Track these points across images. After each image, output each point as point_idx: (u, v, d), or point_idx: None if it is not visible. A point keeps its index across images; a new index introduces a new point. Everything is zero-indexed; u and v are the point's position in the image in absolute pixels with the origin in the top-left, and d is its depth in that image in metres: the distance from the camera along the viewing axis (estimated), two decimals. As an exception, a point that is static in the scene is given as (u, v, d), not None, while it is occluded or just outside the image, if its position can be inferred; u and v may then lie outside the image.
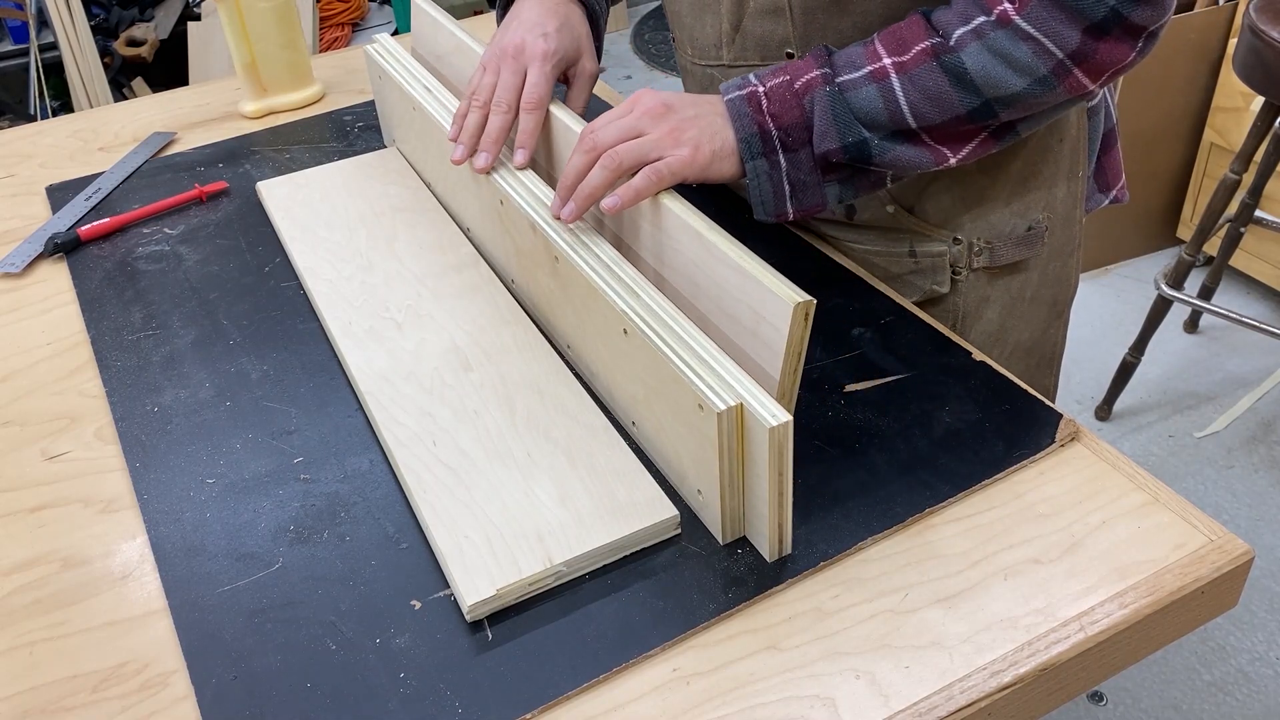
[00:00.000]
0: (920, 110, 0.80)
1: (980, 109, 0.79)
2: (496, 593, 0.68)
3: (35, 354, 0.98)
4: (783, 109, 0.82)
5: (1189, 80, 2.33)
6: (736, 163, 0.83)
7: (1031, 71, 0.77)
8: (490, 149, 0.92)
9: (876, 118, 0.80)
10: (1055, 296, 1.03)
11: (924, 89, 0.79)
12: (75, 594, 0.74)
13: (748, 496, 0.71)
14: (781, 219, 0.86)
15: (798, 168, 0.83)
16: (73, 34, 2.97)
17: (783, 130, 0.82)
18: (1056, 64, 0.76)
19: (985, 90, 0.78)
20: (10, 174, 1.30)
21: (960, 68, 0.78)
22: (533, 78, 0.91)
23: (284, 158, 1.26)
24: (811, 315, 0.68)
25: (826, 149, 0.81)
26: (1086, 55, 0.76)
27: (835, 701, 0.63)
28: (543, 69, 0.92)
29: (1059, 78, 0.77)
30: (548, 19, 0.95)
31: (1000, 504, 0.75)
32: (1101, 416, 2.19)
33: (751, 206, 0.86)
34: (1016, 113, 0.80)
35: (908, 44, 0.80)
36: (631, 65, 3.85)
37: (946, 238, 0.96)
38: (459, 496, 0.76)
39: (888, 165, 0.82)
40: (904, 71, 0.79)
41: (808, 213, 0.86)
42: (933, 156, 0.82)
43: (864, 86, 0.80)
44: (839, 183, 0.85)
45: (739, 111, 0.82)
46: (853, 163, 0.83)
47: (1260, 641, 1.73)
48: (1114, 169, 1.06)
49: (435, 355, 0.89)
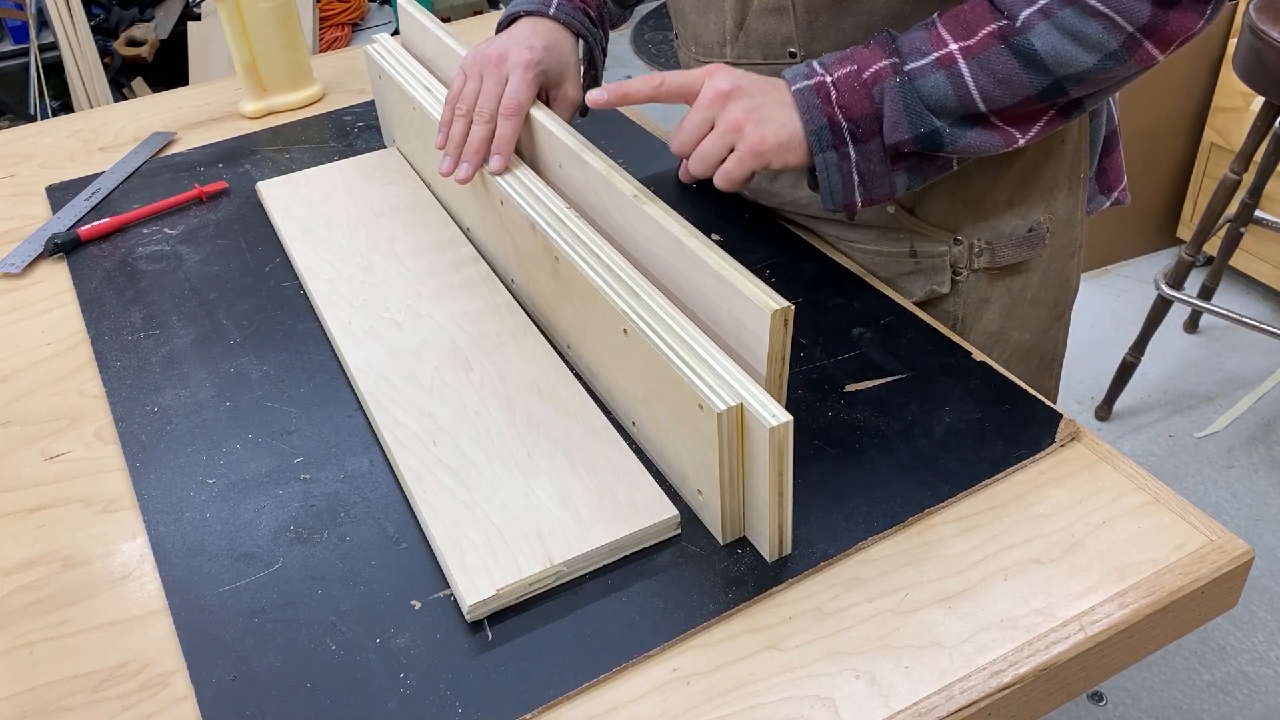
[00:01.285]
0: (990, 94, 0.79)
1: (1050, 88, 0.79)
2: (496, 593, 0.68)
3: (35, 354, 0.98)
4: (852, 100, 0.81)
5: (1189, 80, 2.33)
6: (804, 153, 0.83)
7: (1102, 47, 0.76)
8: (472, 159, 0.92)
9: (946, 104, 0.80)
10: (1056, 298, 1.03)
11: (993, 72, 0.78)
12: (75, 594, 0.74)
13: (748, 496, 0.71)
14: (850, 210, 0.85)
15: (868, 159, 0.82)
16: (73, 34, 2.97)
17: (853, 122, 0.81)
18: (1127, 38, 0.76)
19: (1055, 69, 0.77)
20: (10, 174, 1.30)
21: (1029, 48, 0.77)
22: (512, 84, 0.91)
23: (284, 158, 1.26)
24: (791, 321, 0.68)
25: (898, 140, 0.81)
26: (1157, 27, 0.75)
27: (835, 701, 0.63)
28: (524, 76, 0.92)
29: (1130, 51, 0.76)
30: (535, 37, 0.95)
31: (1000, 504, 0.75)
32: (1101, 416, 2.19)
33: (820, 198, 0.85)
34: (1086, 89, 0.80)
35: (973, 27, 0.79)
36: (632, 65, 3.85)
37: (947, 238, 0.96)
38: (459, 497, 0.76)
39: (958, 151, 0.82)
40: (972, 56, 0.79)
41: (876, 201, 0.85)
42: (1002, 139, 0.82)
43: (932, 74, 0.80)
44: (907, 170, 0.84)
45: (808, 103, 0.82)
46: (923, 151, 0.82)
47: (1260, 641, 1.73)
48: (1115, 171, 1.06)
49: (435, 355, 0.89)
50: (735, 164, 0.83)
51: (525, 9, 0.99)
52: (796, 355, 0.88)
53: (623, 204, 0.81)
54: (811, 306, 0.94)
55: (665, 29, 4.07)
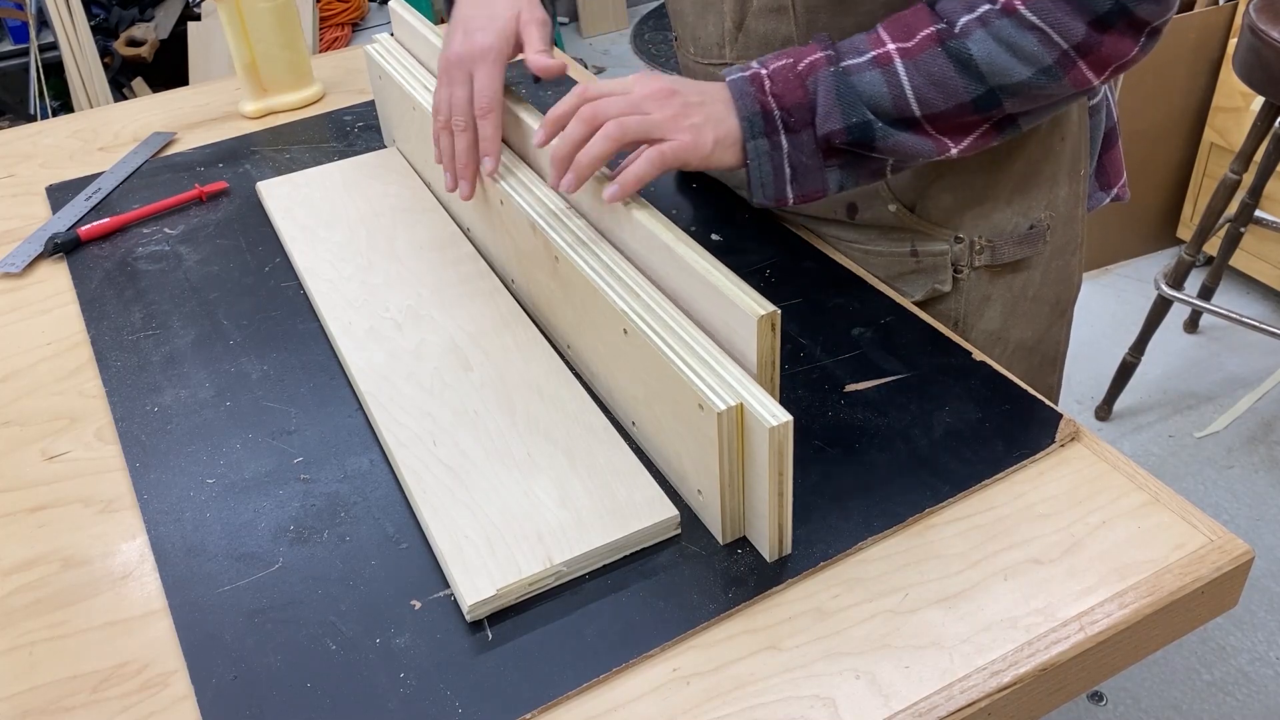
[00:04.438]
0: (925, 96, 0.79)
1: (985, 97, 0.79)
2: (497, 593, 0.68)
3: (35, 354, 0.98)
4: (786, 89, 0.81)
5: (1189, 80, 2.33)
6: (739, 152, 0.82)
7: (1037, 60, 0.77)
8: (465, 172, 0.91)
9: (880, 101, 0.80)
10: (1058, 296, 1.03)
11: (929, 74, 0.79)
12: (75, 594, 0.74)
13: (748, 496, 0.71)
14: (781, 203, 0.85)
15: (799, 150, 0.82)
16: (73, 34, 2.96)
17: (785, 110, 0.81)
18: (1061, 54, 0.77)
19: (990, 78, 0.78)
20: (10, 174, 1.30)
21: (966, 53, 0.78)
22: (479, 82, 0.89)
23: (284, 158, 1.26)
24: (779, 326, 0.68)
25: (830, 129, 0.81)
26: (1091, 48, 0.77)
27: (835, 701, 0.63)
28: (489, 70, 0.89)
29: (1064, 68, 0.77)
30: (478, 10, 0.92)
31: (1000, 504, 0.75)
32: (1101, 416, 2.18)
33: (750, 191, 0.85)
34: (1020, 104, 0.80)
35: (913, 30, 0.80)
36: (632, 65, 3.85)
37: (948, 237, 0.96)
38: (459, 497, 0.76)
39: (890, 151, 0.82)
40: (909, 57, 0.79)
41: (808, 198, 0.84)
42: (934, 145, 0.82)
43: (868, 70, 0.80)
44: (840, 168, 0.84)
45: (741, 91, 0.82)
46: (855, 146, 0.82)
47: (1260, 641, 1.73)
48: (1115, 167, 1.06)
49: (435, 355, 0.89)
50: (649, 160, 0.79)
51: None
52: (796, 355, 0.88)
53: (614, 207, 0.81)
54: (811, 306, 0.94)
55: (665, 29, 4.07)
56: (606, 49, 3.98)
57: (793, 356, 0.88)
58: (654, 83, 0.82)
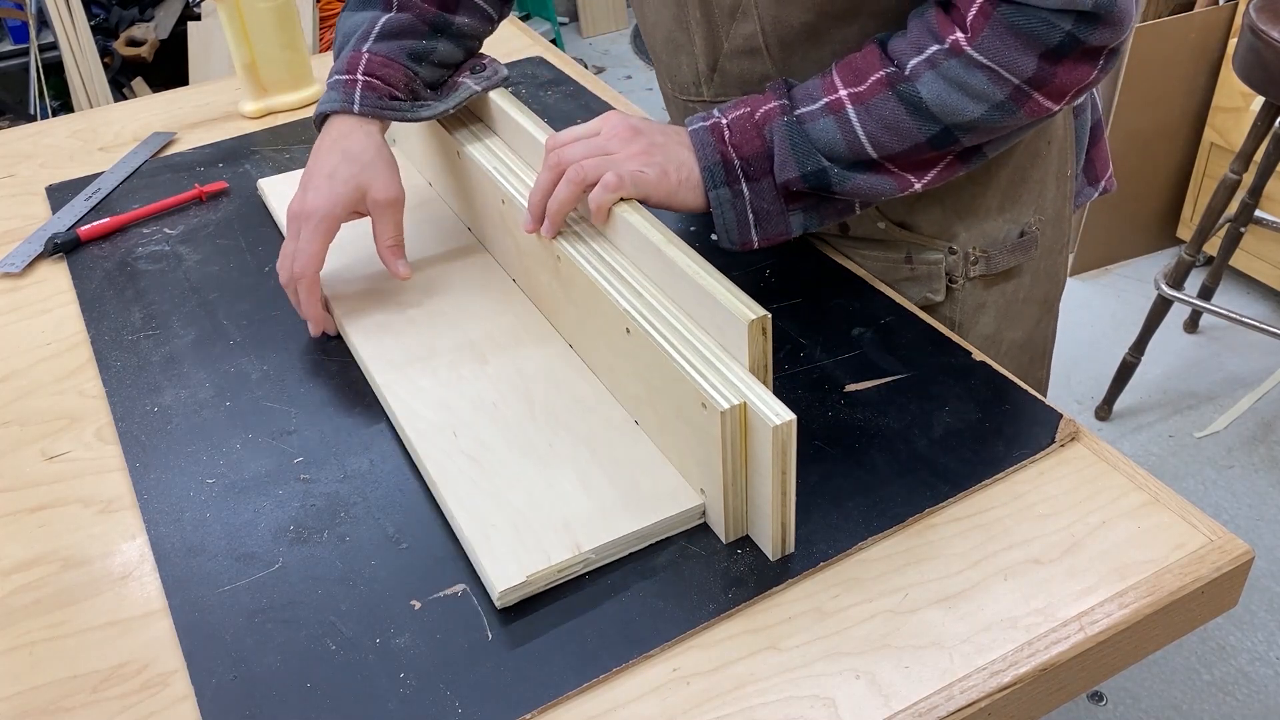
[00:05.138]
0: (879, 140, 0.79)
1: (940, 135, 0.79)
2: (527, 579, 0.69)
3: (35, 354, 0.98)
4: (744, 139, 0.82)
5: (1189, 80, 2.33)
6: (701, 195, 0.83)
7: (988, 98, 0.77)
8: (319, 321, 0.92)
9: (835, 148, 0.80)
10: (1046, 294, 1.03)
11: (881, 119, 0.79)
12: (75, 594, 0.74)
13: (751, 495, 0.71)
14: (746, 247, 0.85)
15: (761, 197, 0.83)
16: (73, 34, 2.96)
17: (744, 160, 0.82)
18: (1014, 89, 0.76)
19: (943, 118, 0.78)
20: (10, 174, 1.30)
21: (915, 97, 0.78)
22: (300, 243, 0.90)
23: (284, 158, 1.26)
24: (769, 329, 0.68)
25: (787, 178, 0.82)
26: (1045, 80, 0.76)
27: (835, 701, 0.63)
28: (311, 233, 0.89)
29: (1018, 102, 0.77)
30: (322, 165, 0.91)
31: (1000, 504, 0.75)
32: (1101, 416, 2.19)
33: (716, 235, 0.86)
34: (979, 137, 0.80)
35: (863, 74, 0.80)
36: (631, 65, 3.85)
37: (942, 247, 0.96)
38: (482, 486, 0.76)
39: (849, 194, 0.83)
40: (860, 102, 0.79)
41: (772, 241, 0.85)
42: (896, 183, 0.82)
43: (821, 118, 0.80)
44: (803, 211, 0.85)
45: (702, 141, 0.83)
46: (815, 191, 0.83)
47: (1260, 641, 1.73)
48: (1101, 160, 1.06)
49: (449, 350, 0.89)
50: (604, 185, 0.80)
51: (331, 108, 0.94)
52: (796, 355, 0.88)
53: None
54: (811, 306, 0.94)
55: (665, 29, 4.05)
56: (606, 49, 3.98)
57: (793, 356, 0.88)
58: (620, 124, 0.84)
